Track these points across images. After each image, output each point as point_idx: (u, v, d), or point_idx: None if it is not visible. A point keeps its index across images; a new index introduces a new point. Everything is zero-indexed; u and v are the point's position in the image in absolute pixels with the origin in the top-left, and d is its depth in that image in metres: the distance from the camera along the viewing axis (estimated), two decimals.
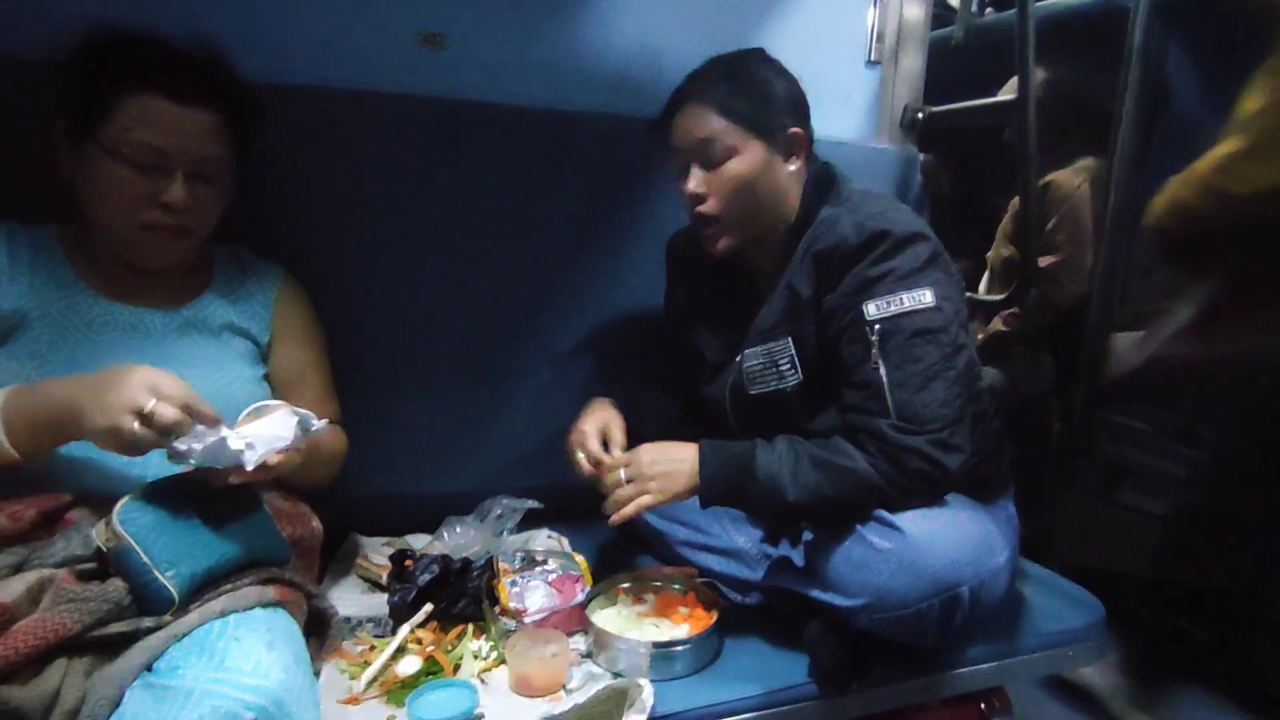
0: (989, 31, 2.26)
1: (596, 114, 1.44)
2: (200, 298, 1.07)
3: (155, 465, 0.96)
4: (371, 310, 1.34)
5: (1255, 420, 1.60)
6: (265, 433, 0.86)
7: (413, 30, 1.34)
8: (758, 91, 1.11)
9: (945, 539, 0.96)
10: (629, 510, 1.05)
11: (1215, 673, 1.77)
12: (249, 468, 0.83)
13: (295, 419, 0.89)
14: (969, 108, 1.76)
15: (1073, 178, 2.04)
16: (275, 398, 1.10)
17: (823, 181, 1.15)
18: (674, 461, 1.06)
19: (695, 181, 1.11)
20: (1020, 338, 2.05)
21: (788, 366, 1.13)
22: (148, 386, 0.78)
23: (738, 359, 1.18)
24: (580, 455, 1.16)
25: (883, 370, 1.01)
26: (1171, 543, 1.72)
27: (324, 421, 0.93)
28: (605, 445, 1.16)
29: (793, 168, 1.14)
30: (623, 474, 1.07)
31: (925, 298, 1.01)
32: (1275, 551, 1.57)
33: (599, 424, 1.18)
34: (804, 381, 1.12)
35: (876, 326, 1.02)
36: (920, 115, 1.69)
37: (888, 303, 1.01)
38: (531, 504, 1.28)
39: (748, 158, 1.09)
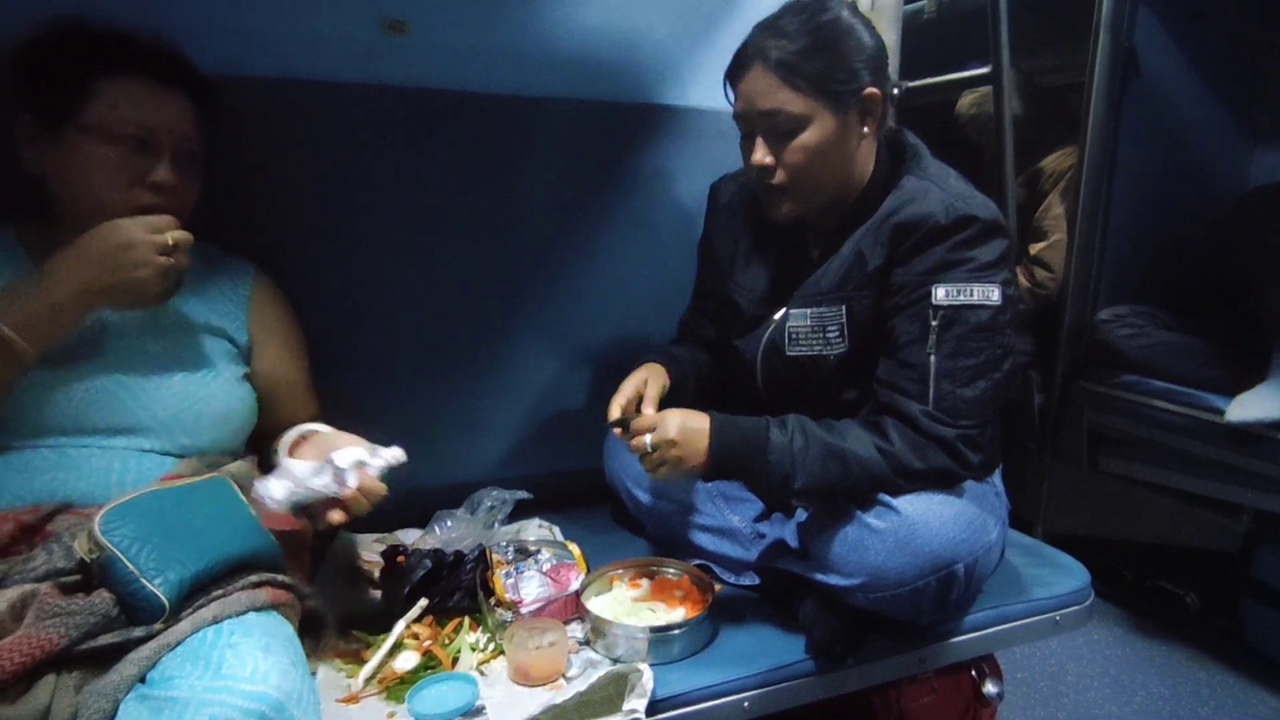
0: (960, 4, 2.26)
1: (564, 99, 1.41)
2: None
3: (134, 472, 0.94)
4: (347, 305, 1.31)
5: None
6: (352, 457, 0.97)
7: (374, 17, 1.30)
8: (832, 51, 1.00)
9: (940, 517, 0.97)
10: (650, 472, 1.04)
11: (1202, 634, 1.82)
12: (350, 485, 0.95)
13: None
14: (945, 81, 1.76)
15: (1060, 163, 2.05)
16: (260, 401, 1.09)
17: (900, 148, 1.11)
18: (692, 445, 1.01)
19: (761, 152, 1.04)
20: None
21: (836, 334, 1.09)
22: (143, 225, 0.88)
23: (778, 316, 1.14)
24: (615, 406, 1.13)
25: (934, 357, 1.00)
26: None
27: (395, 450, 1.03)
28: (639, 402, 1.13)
29: (867, 130, 1.06)
30: (648, 440, 1.03)
31: (993, 295, 1.00)
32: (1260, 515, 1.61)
33: (637, 382, 1.15)
34: (849, 352, 1.09)
35: (940, 312, 1.00)
36: (897, 91, 1.68)
37: (958, 291, 0.99)
38: (522, 495, 1.28)
39: (818, 129, 1.02)
